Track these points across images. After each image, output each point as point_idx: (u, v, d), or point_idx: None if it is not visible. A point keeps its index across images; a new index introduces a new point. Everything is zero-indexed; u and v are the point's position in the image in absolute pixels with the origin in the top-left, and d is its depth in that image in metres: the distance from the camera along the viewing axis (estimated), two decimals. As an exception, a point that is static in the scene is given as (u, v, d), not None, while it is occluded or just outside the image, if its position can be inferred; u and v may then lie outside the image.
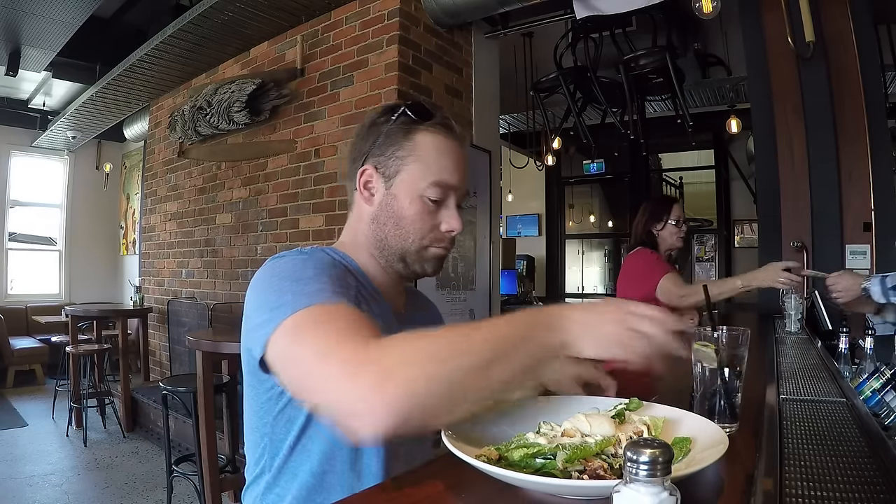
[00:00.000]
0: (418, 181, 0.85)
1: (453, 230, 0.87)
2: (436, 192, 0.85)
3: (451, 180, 0.86)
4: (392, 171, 0.86)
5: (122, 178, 7.18)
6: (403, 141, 0.85)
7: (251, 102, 3.78)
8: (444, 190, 0.86)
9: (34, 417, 4.61)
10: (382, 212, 0.87)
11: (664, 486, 0.38)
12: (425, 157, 0.85)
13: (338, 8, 3.47)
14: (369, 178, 0.88)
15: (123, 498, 3.07)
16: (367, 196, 0.89)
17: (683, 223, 2.31)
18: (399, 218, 0.86)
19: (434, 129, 0.86)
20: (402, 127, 0.86)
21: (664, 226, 2.30)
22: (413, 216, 0.86)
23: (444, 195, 0.86)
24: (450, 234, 0.88)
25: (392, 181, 0.86)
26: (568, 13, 3.22)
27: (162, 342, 5.06)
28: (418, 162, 0.85)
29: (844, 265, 2.26)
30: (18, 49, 4.52)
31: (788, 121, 2.41)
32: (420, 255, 0.88)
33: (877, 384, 1.06)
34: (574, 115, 4.36)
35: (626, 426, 0.64)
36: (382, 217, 0.87)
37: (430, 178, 0.85)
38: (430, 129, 0.86)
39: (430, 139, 0.86)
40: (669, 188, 7.59)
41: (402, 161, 0.85)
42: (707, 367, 0.75)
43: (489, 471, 0.54)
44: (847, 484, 0.52)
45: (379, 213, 0.88)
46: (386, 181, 0.87)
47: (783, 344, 1.47)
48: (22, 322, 6.16)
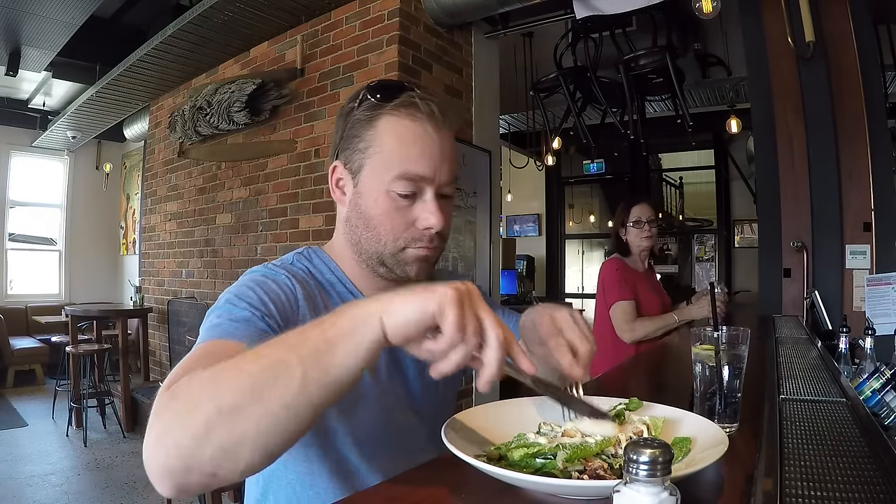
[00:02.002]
0: (382, 175, 0.76)
1: (431, 226, 0.77)
2: (403, 186, 0.75)
3: (420, 170, 0.75)
4: (357, 167, 0.78)
5: (122, 178, 7.18)
6: (366, 130, 0.76)
7: (251, 102, 3.78)
8: (413, 182, 0.75)
9: (34, 417, 4.61)
10: (353, 212, 0.80)
11: (664, 486, 0.38)
12: (387, 146, 0.75)
13: (338, 8, 3.47)
14: (340, 175, 0.81)
15: (123, 498, 3.07)
16: (339, 195, 0.82)
17: (648, 222, 2.30)
18: (368, 218, 0.78)
19: (397, 112, 0.75)
20: (365, 113, 0.77)
21: (627, 229, 2.33)
22: (381, 215, 0.77)
23: (416, 188, 0.76)
24: (429, 232, 0.77)
25: (357, 177, 0.78)
26: (568, 13, 3.22)
27: (162, 342, 5.06)
28: (380, 153, 0.76)
29: (844, 265, 2.26)
30: (18, 49, 4.51)
31: (788, 121, 2.40)
32: (398, 259, 0.79)
33: (877, 384, 1.06)
34: (574, 115, 4.36)
35: (626, 426, 0.64)
36: (353, 218, 0.80)
37: (393, 171, 0.75)
38: (393, 113, 0.75)
39: (393, 124, 0.75)
40: (669, 188, 7.60)
41: (363, 153, 0.77)
42: (707, 367, 0.75)
43: (489, 471, 0.54)
44: (847, 484, 0.52)
45: (350, 213, 0.80)
46: (353, 178, 0.79)
47: (783, 344, 1.47)
48: (22, 322, 6.16)
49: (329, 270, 0.84)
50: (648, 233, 2.31)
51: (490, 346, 0.52)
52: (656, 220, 2.36)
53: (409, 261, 0.79)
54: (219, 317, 0.68)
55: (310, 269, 0.84)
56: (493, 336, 0.52)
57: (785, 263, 2.41)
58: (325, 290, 0.82)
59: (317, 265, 0.85)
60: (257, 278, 0.76)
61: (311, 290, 0.79)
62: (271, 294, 0.73)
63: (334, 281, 0.84)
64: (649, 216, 2.32)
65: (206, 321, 0.70)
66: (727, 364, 0.74)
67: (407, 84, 0.78)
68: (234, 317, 0.68)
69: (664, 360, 1.68)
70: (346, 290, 0.83)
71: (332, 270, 0.84)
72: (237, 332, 0.65)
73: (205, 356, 0.60)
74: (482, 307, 0.53)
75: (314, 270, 0.84)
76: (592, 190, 7.99)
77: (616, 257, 2.36)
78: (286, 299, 0.75)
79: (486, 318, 0.52)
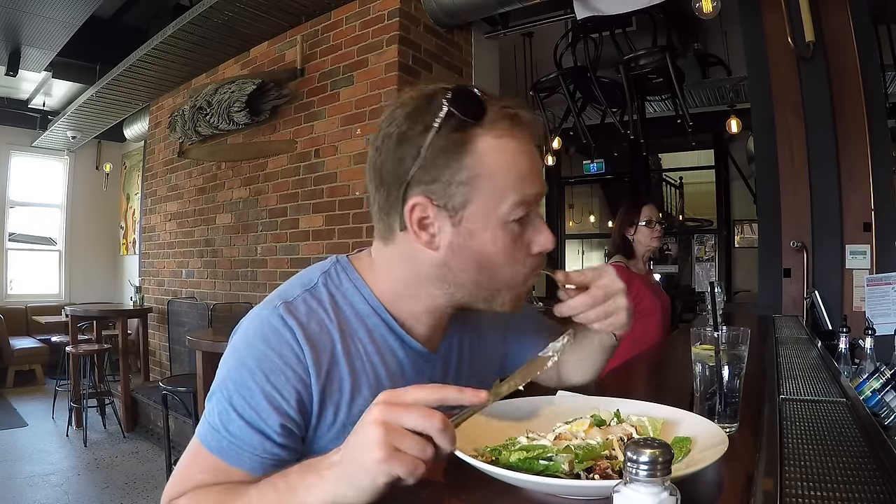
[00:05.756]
0: (498, 206, 0.65)
1: (548, 248, 0.69)
2: (521, 211, 0.66)
3: (536, 189, 0.67)
4: (458, 203, 0.65)
5: (122, 178, 7.17)
6: (460, 156, 0.64)
7: (251, 102, 3.78)
8: (527, 206, 0.67)
9: (34, 417, 4.61)
10: (455, 256, 0.67)
11: (664, 486, 0.38)
12: (498, 172, 0.64)
13: (338, 8, 3.47)
14: (423, 213, 0.66)
15: (123, 498, 3.07)
16: (428, 239, 0.67)
17: (657, 223, 2.31)
18: (482, 258, 0.67)
19: (498, 129, 0.65)
20: (454, 135, 0.64)
21: (636, 229, 2.32)
22: (501, 251, 0.67)
23: (529, 209, 0.67)
24: (542, 255, 0.70)
25: (460, 214, 0.65)
26: (568, 13, 3.22)
27: (162, 342, 5.06)
28: (490, 181, 0.64)
29: (844, 265, 2.26)
30: (18, 49, 4.52)
31: (788, 121, 2.40)
32: (516, 293, 0.71)
33: (877, 384, 1.06)
34: (574, 115, 4.36)
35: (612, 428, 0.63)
36: (456, 263, 0.68)
37: (510, 199, 0.65)
38: (493, 130, 0.65)
39: (497, 143, 0.65)
40: (669, 188, 7.59)
41: (468, 186, 0.64)
42: (707, 367, 0.75)
43: (490, 471, 0.54)
44: (847, 484, 0.52)
45: (450, 258, 0.68)
46: (451, 216, 0.66)
47: (783, 344, 1.47)
48: (22, 322, 6.16)
49: (362, 298, 0.74)
50: (658, 233, 2.31)
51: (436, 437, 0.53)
52: (661, 221, 2.37)
53: (524, 292, 0.73)
54: (220, 416, 0.66)
55: (336, 296, 0.73)
56: (435, 429, 0.52)
57: (785, 263, 2.40)
58: (354, 326, 0.73)
59: (346, 291, 0.74)
60: (262, 352, 0.67)
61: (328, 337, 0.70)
62: (276, 381, 0.66)
63: (367, 312, 0.73)
64: (658, 216, 2.33)
65: (208, 405, 0.69)
66: (727, 364, 0.74)
67: (479, 90, 0.67)
68: (231, 429, 0.65)
69: (664, 360, 1.68)
70: (380, 323, 0.74)
71: (366, 298, 0.74)
72: (230, 454, 0.66)
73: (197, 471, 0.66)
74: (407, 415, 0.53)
75: (341, 299, 0.73)
76: (592, 190, 7.98)
77: (620, 262, 2.31)
78: (295, 377, 0.67)
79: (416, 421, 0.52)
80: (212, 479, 0.66)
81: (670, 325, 2.49)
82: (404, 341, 0.74)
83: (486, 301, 0.71)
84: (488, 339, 0.88)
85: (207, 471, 0.66)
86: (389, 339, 0.74)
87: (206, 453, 0.66)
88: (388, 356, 0.73)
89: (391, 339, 0.74)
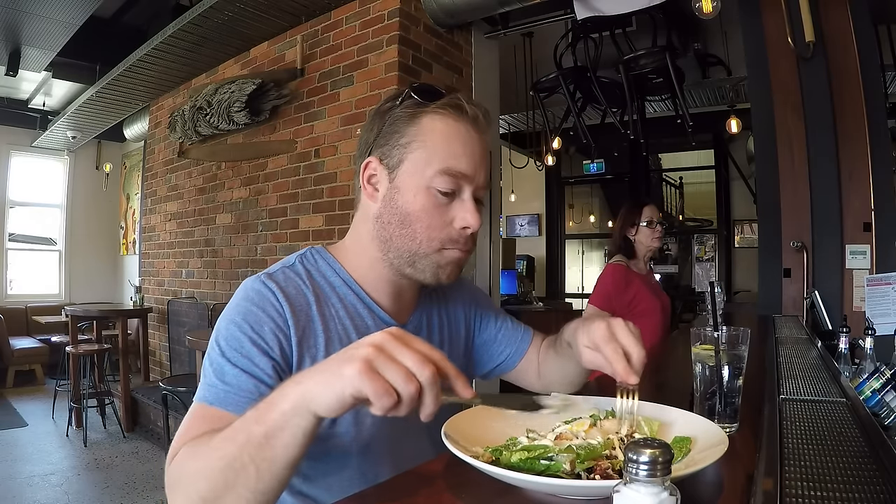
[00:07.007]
0: (423, 169, 0.75)
1: (469, 226, 0.77)
2: (445, 182, 0.75)
3: (462, 167, 0.76)
4: (395, 161, 0.77)
5: (122, 178, 7.17)
6: (408, 126, 0.77)
7: (251, 102, 3.78)
8: (454, 179, 0.76)
9: (34, 417, 4.61)
10: (386, 208, 0.78)
11: (664, 486, 0.38)
12: (431, 141, 0.76)
13: (338, 8, 3.47)
14: (373, 171, 0.79)
15: (123, 498, 3.07)
16: (371, 191, 0.80)
17: (658, 223, 2.32)
18: (404, 214, 0.77)
19: (442, 111, 0.77)
20: (407, 111, 0.77)
21: (638, 229, 2.32)
22: (419, 211, 0.76)
23: (456, 185, 0.76)
24: (465, 232, 0.77)
25: (395, 172, 0.77)
26: (568, 13, 3.21)
27: (162, 342, 5.06)
28: (423, 148, 0.76)
29: (844, 265, 2.26)
30: (18, 49, 4.51)
31: (788, 121, 2.40)
32: (431, 259, 0.78)
33: (877, 384, 1.06)
34: (574, 115, 4.36)
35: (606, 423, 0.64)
36: (386, 214, 0.78)
37: (436, 166, 0.75)
38: (438, 111, 0.76)
39: (437, 121, 0.76)
40: (669, 188, 7.59)
41: (405, 148, 0.76)
42: (707, 367, 0.75)
43: (490, 471, 0.54)
44: (847, 484, 0.52)
45: (383, 209, 0.79)
46: (389, 172, 0.78)
47: (783, 344, 1.47)
48: (22, 322, 6.16)
49: (333, 272, 0.83)
50: (659, 233, 2.33)
51: (424, 387, 0.53)
52: (662, 221, 2.38)
53: (443, 263, 0.79)
54: (214, 373, 0.71)
55: (312, 271, 0.82)
56: (424, 377, 0.52)
57: (785, 263, 2.41)
58: (327, 293, 0.81)
59: (320, 267, 0.84)
60: (246, 308, 0.74)
61: (304, 299, 0.78)
62: (260, 330, 0.73)
63: (338, 283, 0.82)
64: (659, 217, 2.34)
65: (204, 367, 0.73)
66: (727, 364, 0.74)
67: (447, 88, 0.81)
68: (226, 379, 0.70)
69: (664, 361, 1.68)
70: (350, 292, 0.82)
71: (337, 272, 0.83)
72: (227, 401, 0.69)
73: (197, 424, 0.68)
74: (404, 350, 0.53)
75: (316, 273, 0.82)
76: (592, 190, 7.99)
77: (621, 262, 2.32)
78: (276, 327, 0.74)
79: (409, 360, 0.53)
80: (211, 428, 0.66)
81: (670, 325, 2.49)
82: (372, 310, 0.83)
83: (411, 266, 0.79)
84: (458, 316, 0.96)
85: (207, 422, 0.67)
86: (359, 307, 0.82)
87: (205, 406, 0.70)
88: (358, 322, 0.81)
89: (360, 307, 0.82)
